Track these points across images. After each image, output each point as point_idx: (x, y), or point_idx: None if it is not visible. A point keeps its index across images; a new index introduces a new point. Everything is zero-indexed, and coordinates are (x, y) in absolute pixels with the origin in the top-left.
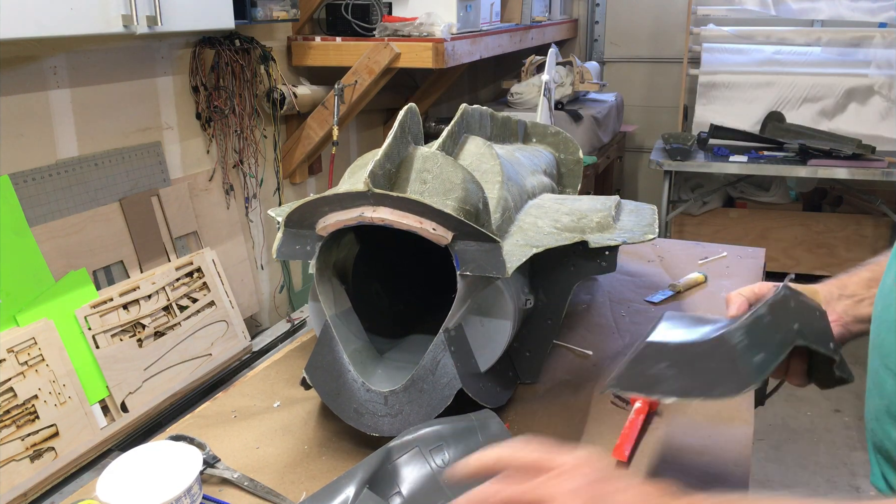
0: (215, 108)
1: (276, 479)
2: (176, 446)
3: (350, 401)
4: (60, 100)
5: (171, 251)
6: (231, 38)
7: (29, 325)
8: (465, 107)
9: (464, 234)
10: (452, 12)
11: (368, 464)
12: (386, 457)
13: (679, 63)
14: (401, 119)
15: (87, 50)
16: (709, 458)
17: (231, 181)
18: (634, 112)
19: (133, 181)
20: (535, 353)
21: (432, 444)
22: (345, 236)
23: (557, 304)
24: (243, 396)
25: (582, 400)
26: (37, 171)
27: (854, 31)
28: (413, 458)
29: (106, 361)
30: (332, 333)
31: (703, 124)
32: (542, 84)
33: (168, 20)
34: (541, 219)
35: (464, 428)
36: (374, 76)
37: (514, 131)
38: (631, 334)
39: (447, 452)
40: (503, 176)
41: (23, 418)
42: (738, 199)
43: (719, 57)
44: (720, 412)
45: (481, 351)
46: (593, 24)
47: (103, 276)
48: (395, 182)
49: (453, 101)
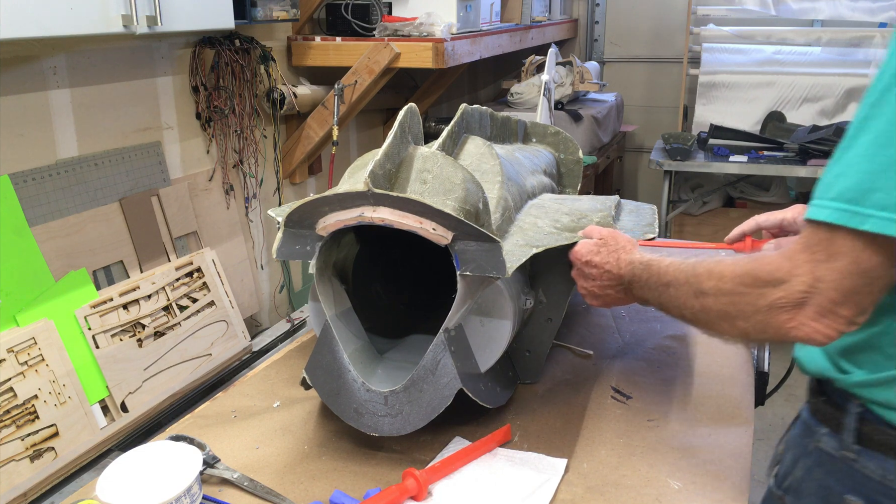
0: (215, 108)
1: (276, 479)
2: (176, 446)
3: (350, 401)
4: (60, 100)
5: (171, 251)
6: (231, 38)
7: (29, 325)
8: (465, 107)
9: (464, 234)
10: (452, 12)
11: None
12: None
13: (679, 63)
14: (401, 119)
15: (86, 50)
16: (709, 457)
17: (231, 181)
18: (634, 112)
19: (133, 181)
20: (535, 353)
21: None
22: (345, 236)
23: (557, 304)
24: (243, 396)
25: (582, 399)
26: (37, 171)
27: (854, 31)
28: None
29: (106, 361)
30: (332, 333)
31: (703, 124)
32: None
33: (168, 20)
34: (541, 219)
35: None
36: (374, 76)
37: (514, 131)
38: (631, 334)
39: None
40: (503, 176)
41: (23, 418)
42: (738, 199)
43: (719, 57)
44: (720, 412)
45: (481, 351)
46: (593, 24)
47: (103, 276)
48: (396, 182)
49: (453, 101)
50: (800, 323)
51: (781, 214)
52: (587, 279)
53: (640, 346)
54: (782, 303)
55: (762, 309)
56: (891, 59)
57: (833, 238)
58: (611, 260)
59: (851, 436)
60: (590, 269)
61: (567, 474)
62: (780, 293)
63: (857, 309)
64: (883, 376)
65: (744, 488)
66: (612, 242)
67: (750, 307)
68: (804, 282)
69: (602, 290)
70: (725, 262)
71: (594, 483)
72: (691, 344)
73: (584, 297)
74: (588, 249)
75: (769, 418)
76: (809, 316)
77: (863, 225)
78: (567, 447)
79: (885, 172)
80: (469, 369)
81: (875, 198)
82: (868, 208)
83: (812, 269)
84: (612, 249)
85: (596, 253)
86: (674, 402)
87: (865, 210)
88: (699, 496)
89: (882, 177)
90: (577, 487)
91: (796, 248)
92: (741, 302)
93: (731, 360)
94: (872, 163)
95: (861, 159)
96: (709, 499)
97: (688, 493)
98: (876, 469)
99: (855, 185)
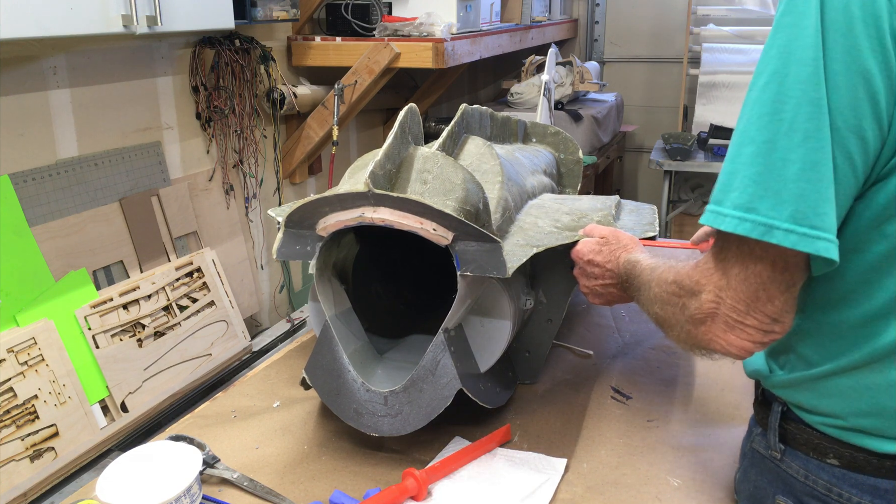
0: (215, 108)
1: (276, 479)
2: (176, 446)
3: (350, 401)
4: (60, 100)
5: (171, 251)
6: (231, 38)
7: (29, 325)
8: (465, 107)
9: (464, 234)
10: (452, 12)
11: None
12: None
13: (679, 63)
14: (401, 119)
15: (86, 50)
16: (708, 457)
17: (231, 181)
18: (634, 112)
19: (133, 181)
20: (535, 353)
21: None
22: (345, 236)
23: (557, 304)
24: (243, 396)
25: (582, 399)
26: (37, 171)
27: None
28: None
29: (106, 361)
30: (332, 333)
31: (703, 124)
32: (542, 84)
33: (168, 20)
34: (541, 218)
35: None
36: (374, 76)
37: (514, 131)
38: (631, 334)
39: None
40: (503, 176)
41: (23, 418)
42: None
43: (719, 57)
44: (720, 412)
45: (481, 351)
46: (593, 24)
47: (103, 276)
48: (396, 182)
49: (453, 101)
50: (714, 336)
51: None
52: (589, 278)
53: (640, 346)
54: (698, 315)
55: (683, 320)
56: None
57: (727, 244)
58: (612, 258)
59: (775, 435)
60: (592, 268)
61: (567, 474)
62: (695, 304)
63: (763, 317)
64: (797, 376)
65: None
66: (613, 241)
67: (675, 317)
68: (711, 291)
69: (604, 289)
70: (666, 268)
71: (594, 483)
72: None
73: (587, 296)
74: (590, 248)
75: None
76: (721, 329)
77: (721, 225)
78: (567, 447)
79: (739, 171)
80: (469, 369)
81: (732, 197)
82: (726, 208)
83: (716, 279)
84: (613, 248)
85: (598, 252)
86: (674, 402)
87: (724, 210)
88: (699, 494)
89: (737, 176)
90: (577, 487)
91: (705, 259)
92: (669, 311)
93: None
94: (734, 162)
95: (727, 159)
96: (708, 497)
97: (687, 491)
98: (799, 469)
99: (719, 186)
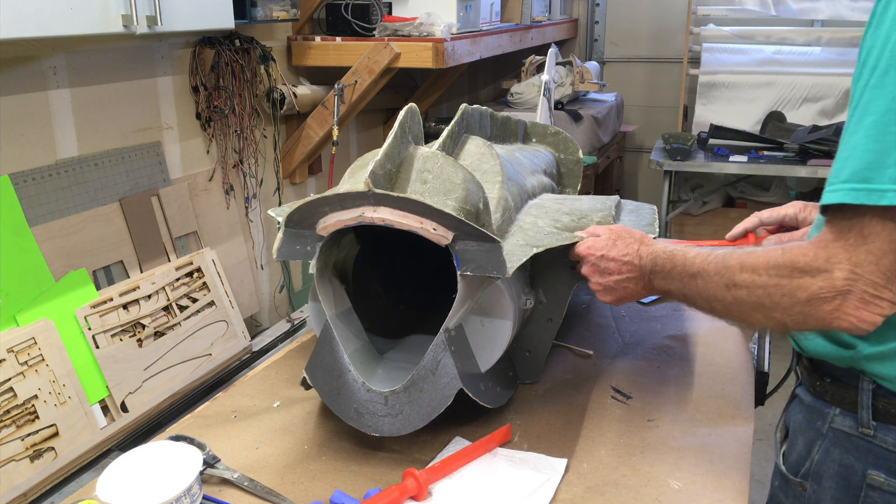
0: (215, 108)
1: (276, 479)
2: (176, 446)
3: (350, 401)
4: (60, 100)
5: (171, 251)
6: (231, 38)
7: (29, 325)
8: (465, 107)
9: (464, 234)
10: (452, 12)
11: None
12: None
13: (679, 63)
14: (401, 119)
15: (86, 50)
16: (709, 457)
17: (231, 181)
18: (634, 112)
19: (133, 181)
20: (535, 353)
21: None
22: (345, 236)
23: (557, 304)
24: (243, 396)
25: (582, 399)
26: (37, 171)
27: (854, 31)
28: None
29: (106, 361)
30: (332, 333)
31: (703, 124)
32: (542, 84)
33: (168, 20)
34: (541, 219)
35: None
36: (374, 76)
37: (514, 131)
38: (631, 334)
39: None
40: (503, 176)
41: (23, 418)
42: (738, 199)
43: (719, 57)
44: (720, 412)
45: (481, 351)
46: (593, 24)
47: (103, 276)
48: (396, 182)
49: (453, 101)
50: (844, 313)
51: (783, 211)
52: (603, 274)
53: (640, 346)
54: (824, 293)
55: (802, 301)
56: (888, 39)
57: (861, 220)
58: (630, 252)
59: (868, 412)
60: (606, 263)
61: (567, 474)
62: (821, 283)
63: None
64: (888, 348)
65: (744, 488)
66: (626, 236)
67: (788, 299)
68: (845, 269)
69: (619, 284)
70: (757, 254)
71: (594, 483)
72: (691, 344)
73: (597, 294)
74: (603, 244)
75: (769, 418)
76: (853, 305)
77: (881, 200)
78: (567, 447)
79: (893, 149)
80: (469, 369)
81: (889, 173)
82: (885, 184)
83: (849, 255)
84: (629, 242)
85: (612, 247)
86: (674, 402)
87: (883, 186)
88: (699, 496)
89: (893, 154)
90: (577, 487)
91: (828, 238)
92: (777, 294)
93: (732, 360)
94: (880, 142)
95: (868, 140)
96: (709, 498)
97: (688, 492)
98: (894, 442)
99: (866, 165)
